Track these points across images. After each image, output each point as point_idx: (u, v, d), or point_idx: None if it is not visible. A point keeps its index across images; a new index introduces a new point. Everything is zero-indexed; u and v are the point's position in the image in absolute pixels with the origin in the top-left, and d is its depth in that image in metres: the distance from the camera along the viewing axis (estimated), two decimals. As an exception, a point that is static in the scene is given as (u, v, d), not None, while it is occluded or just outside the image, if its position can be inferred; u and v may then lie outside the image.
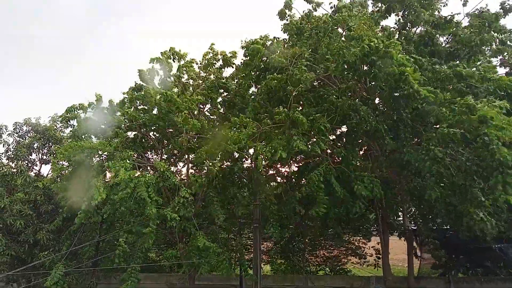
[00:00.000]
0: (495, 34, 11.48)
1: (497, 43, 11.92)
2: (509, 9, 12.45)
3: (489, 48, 12.10)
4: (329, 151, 11.60)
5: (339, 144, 13.21)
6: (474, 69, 10.30)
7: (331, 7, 13.15)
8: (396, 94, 10.46)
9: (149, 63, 13.32)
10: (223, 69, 14.07)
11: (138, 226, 11.05)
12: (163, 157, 14.16)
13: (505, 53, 12.49)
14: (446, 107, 9.14)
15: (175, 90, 13.06)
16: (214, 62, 13.89)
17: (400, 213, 15.23)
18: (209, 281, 14.62)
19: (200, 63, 14.07)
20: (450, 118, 8.85)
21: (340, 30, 11.15)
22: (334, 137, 13.74)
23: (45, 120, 16.19)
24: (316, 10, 12.80)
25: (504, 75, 12.08)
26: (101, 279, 14.23)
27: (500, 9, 12.31)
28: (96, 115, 13.54)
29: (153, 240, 11.01)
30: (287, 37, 12.87)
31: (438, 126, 9.81)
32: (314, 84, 11.89)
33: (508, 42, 12.33)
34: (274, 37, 12.89)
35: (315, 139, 10.42)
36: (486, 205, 8.69)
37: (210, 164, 11.06)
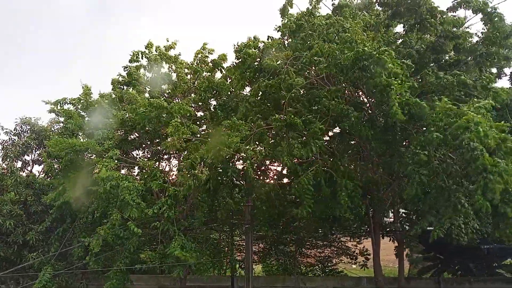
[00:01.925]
0: (501, 50, 11.51)
1: (501, 58, 11.92)
2: None
3: (495, 61, 12.08)
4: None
5: (332, 146, 13.27)
6: (477, 79, 10.35)
7: (332, 4, 13.01)
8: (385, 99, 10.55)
9: (132, 58, 13.25)
10: (214, 72, 14.01)
11: (119, 229, 10.98)
12: (150, 154, 14.08)
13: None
14: (435, 112, 9.19)
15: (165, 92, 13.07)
16: (203, 66, 13.79)
17: (391, 215, 15.30)
18: (201, 282, 14.57)
19: (191, 65, 13.98)
20: (437, 122, 8.91)
21: (335, 32, 11.09)
22: (327, 138, 13.81)
23: (44, 121, 16.16)
24: (318, 4, 12.64)
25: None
26: (92, 280, 14.16)
27: None
28: (85, 111, 13.53)
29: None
30: (282, 36, 12.83)
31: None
32: (308, 86, 11.89)
33: None
34: (268, 36, 12.86)
35: (308, 142, 10.40)
36: (466, 211, 8.71)
37: (199, 171, 11.00)
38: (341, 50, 9.65)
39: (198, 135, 12.39)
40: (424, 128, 10.17)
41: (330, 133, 13.36)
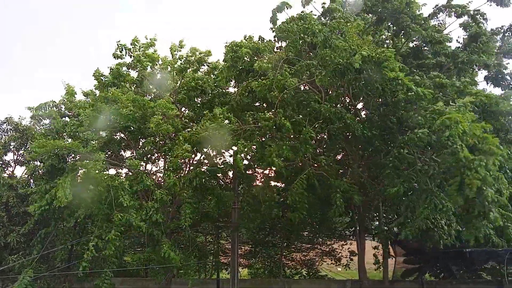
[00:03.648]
0: (483, 55, 11.82)
1: (482, 65, 12.23)
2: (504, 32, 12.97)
3: (476, 66, 12.39)
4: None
5: (320, 150, 13.35)
6: (455, 81, 10.59)
7: (322, 7, 13.02)
8: (382, 101, 10.69)
9: (116, 52, 13.03)
10: (198, 70, 13.93)
11: (107, 231, 10.83)
12: (137, 156, 13.91)
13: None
14: (420, 114, 9.34)
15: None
16: (188, 66, 13.70)
17: (376, 217, 15.47)
18: (185, 285, 14.46)
19: (174, 63, 13.83)
20: (423, 124, 9.06)
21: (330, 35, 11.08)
22: (313, 142, 13.88)
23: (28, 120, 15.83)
24: (306, 6, 12.67)
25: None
26: (74, 283, 13.94)
27: (492, 34, 12.76)
28: (70, 111, 13.31)
29: (117, 247, 10.84)
30: (274, 37, 12.81)
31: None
32: (299, 91, 11.93)
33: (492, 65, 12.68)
34: (259, 37, 12.82)
35: (299, 147, 10.44)
36: (446, 211, 8.84)
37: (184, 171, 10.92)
38: (337, 56, 9.68)
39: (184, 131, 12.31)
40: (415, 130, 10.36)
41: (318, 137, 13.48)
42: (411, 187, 9.34)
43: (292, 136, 11.10)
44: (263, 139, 11.65)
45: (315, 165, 11.35)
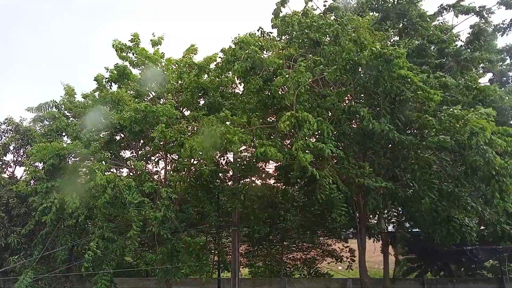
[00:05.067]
0: (485, 53, 11.82)
1: (485, 62, 12.24)
2: (504, 28, 12.98)
3: (479, 65, 12.40)
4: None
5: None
6: (460, 80, 10.57)
7: (324, 5, 12.76)
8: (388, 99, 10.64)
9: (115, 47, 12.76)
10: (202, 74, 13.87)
11: (110, 231, 10.80)
12: (138, 156, 13.88)
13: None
14: (430, 115, 9.30)
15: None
16: (189, 68, 13.62)
17: (376, 216, 15.46)
18: (186, 285, 14.48)
19: (179, 63, 13.76)
20: (435, 126, 9.04)
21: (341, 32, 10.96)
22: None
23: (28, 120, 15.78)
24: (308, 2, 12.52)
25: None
26: (75, 283, 13.94)
27: (494, 30, 12.77)
28: (70, 112, 13.26)
29: (120, 246, 10.81)
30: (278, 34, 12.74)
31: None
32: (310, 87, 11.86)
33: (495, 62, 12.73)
34: (261, 31, 12.72)
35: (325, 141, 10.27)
36: (476, 211, 8.92)
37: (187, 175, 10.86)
38: (349, 50, 9.59)
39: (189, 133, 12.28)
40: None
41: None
42: (432, 190, 9.30)
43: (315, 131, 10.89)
44: (281, 138, 11.49)
45: (334, 160, 11.19)
